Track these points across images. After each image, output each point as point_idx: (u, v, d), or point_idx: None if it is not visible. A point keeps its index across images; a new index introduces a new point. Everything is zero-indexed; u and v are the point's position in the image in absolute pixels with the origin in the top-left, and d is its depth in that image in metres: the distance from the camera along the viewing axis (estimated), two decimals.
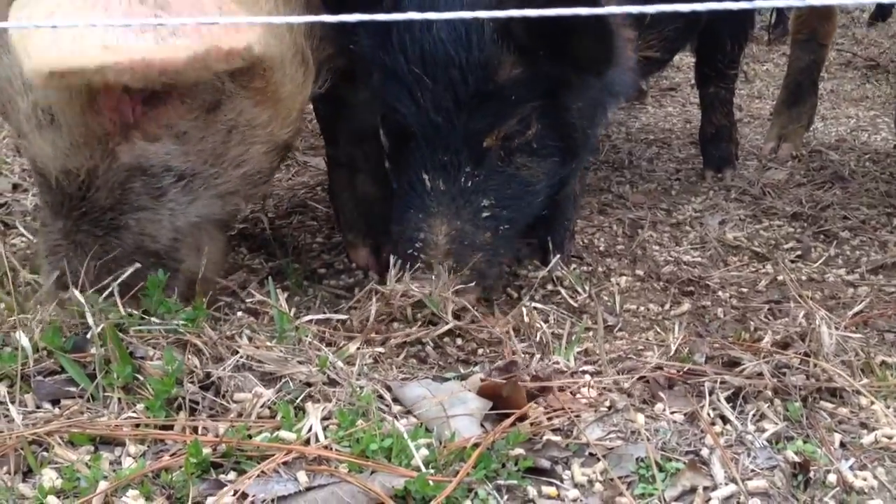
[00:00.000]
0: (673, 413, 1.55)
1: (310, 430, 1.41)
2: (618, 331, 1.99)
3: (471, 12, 1.12)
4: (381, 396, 1.55)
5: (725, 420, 1.54)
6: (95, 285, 1.69)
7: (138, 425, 1.43)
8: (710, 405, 1.56)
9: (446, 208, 1.92)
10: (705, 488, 1.35)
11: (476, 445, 1.37)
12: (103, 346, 1.53)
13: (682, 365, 1.68)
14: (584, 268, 2.35)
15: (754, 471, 1.39)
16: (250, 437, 1.39)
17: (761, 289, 2.24)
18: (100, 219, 1.72)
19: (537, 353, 1.76)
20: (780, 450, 1.45)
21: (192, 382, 1.52)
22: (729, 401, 1.58)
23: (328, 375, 1.58)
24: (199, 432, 1.42)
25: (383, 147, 2.18)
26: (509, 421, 1.47)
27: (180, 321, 1.67)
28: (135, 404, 1.48)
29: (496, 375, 1.58)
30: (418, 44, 1.85)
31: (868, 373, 1.70)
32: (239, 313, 1.90)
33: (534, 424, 1.48)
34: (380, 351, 1.76)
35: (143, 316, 1.68)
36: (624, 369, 1.70)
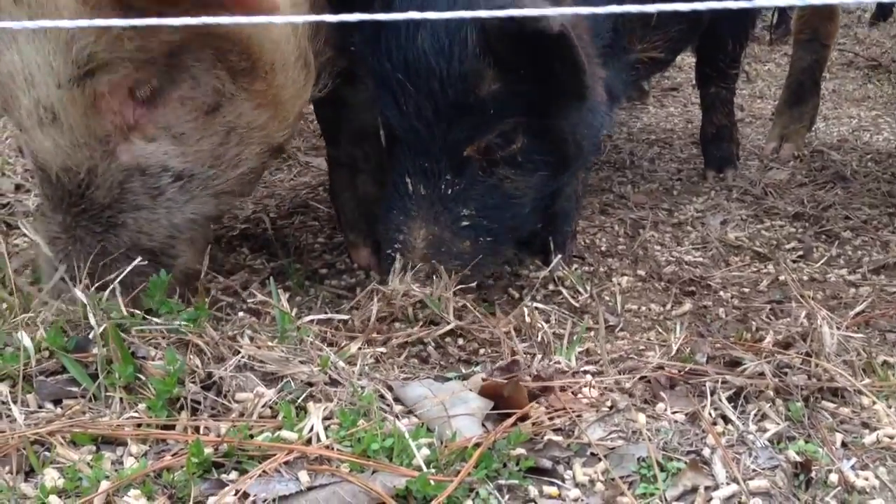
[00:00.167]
0: (674, 413, 1.55)
1: (311, 430, 1.41)
2: (619, 331, 1.99)
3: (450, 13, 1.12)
4: (382, 396, 1.55)
5: (727, 420, 1.54)
6: (92, 280, 1.70)
7: (140, 425, 1.44)
8: (711, 405, 1.56)
9: (425, 213, 1.95)
10: (707, 488, 1.34)
11: (477, 445, 1.37)
12: (105, 346, 1.54)
13: (684, 365, 1.68)
14: (586, 268, 2.35)
15: (756, 471, 1.39)
16: (252, 436, 1.39)
17: (763, 289, 2.24)
18: (98, 216, 1.74)
19: (539, 353, 1.76)
20: (781, 450, 1.45)
21: (194, 382, 1.52)
22: (730, 401, 1.58)
23: (329, 375, 1.58)
24: (201, 432, 1.42)
25: (385, 147, 2.19)
26: (510, 421, 1.47)
27: (182, 321, 1.67)
28: (136, 404, 1.49)
29: (498, 375, 1.58)
30: (403, 52, 1.88)
31: (870, 373, 1.70)
32: (240, 313, 1.91)
33: (535, 424, 1.48)
34: (381, 351, 1.76)
35: (144, 316, 1.68)
36: (625, 369, 1.70)
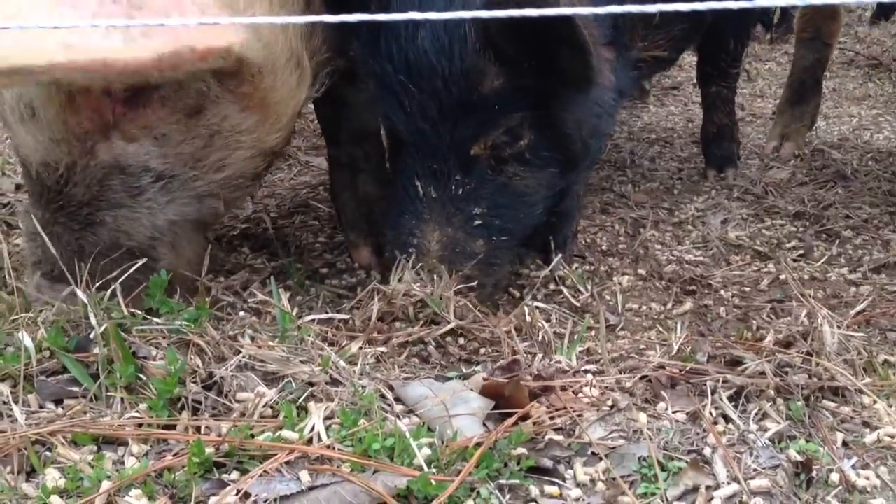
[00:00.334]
0: (675, 412, 1.55)
1: (312, 430, 1.41)
2: (620, 330, 1.99)
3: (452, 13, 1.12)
4: (383, 396, 1.55)
5: (728, 419, 1.54)
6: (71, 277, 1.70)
7: (141, 425, 1.44)
8: (712, 404, 1.57)
9: (438, 215, 1.94)
10: (708, 487, 1.35)
11: (478, 445, 1.37)
12: (106, 345, 1.54)
13: (685, 364, 1.68)
14: (587, 267, 2.35)
15: (757, 470, 1.40)
16: (253, 436, 1.39)
17: (763, 288, 2.24)
18: (76, 213, 1.73)
19: (539, 352, 1.76)
20: (782, 449, 1.45)
21: (195, 382, 1.52)
22: (731, 400, 1.58)
23: (330, 375, 1.59)
24: (202, 432, 1.42)
25: (385, 147, 2.18)
26: (511, 420, 1.47)
27: (183, 321, 1.67)
28: (138, 404, 1.49)
29: (499, 375, 1.58)
30: (404, 53, 1.86)
31: (870, 372, 1.70)
32: (241, 313, 1.91)
33: (536, 424, 1.48)
34: (382, 350, 1.76)
35: (145, 316, 1.68)
36: (626, 368, 1.70)
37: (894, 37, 5.78)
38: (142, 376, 1.52)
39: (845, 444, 1.49)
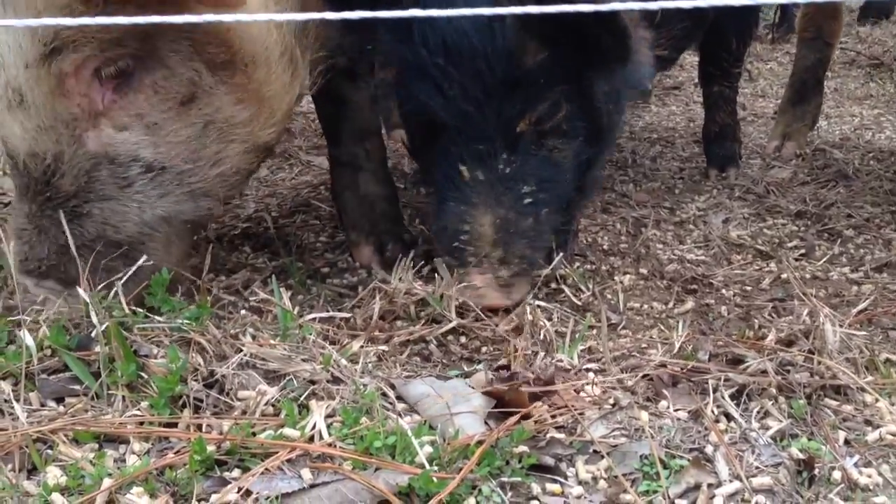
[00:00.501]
0: (677, 410, 1.55)
1: (314, 428, 1.41)
2: (621, 329, 1.99)
3: (490, 9, 1.11)
4: (384, 394, 1.55)
5: (729, 417, 1.54)
6: (58, 273, 1.69)
7: (142, 423, 1.44)
8: (714, 402, 1.56)
9: (488, 197, 1.91)
10: (709, 485, 1.34)
11: (480, 443, 1.37)
12: (107, 344, 1.54)
13: (686, 363, 1.68)
14: (588, 266, 2.35)
15: (759, 468, 1.39)
16: (254, 434, 1.39)
17: (765, 287, 2.24)
18: (63, 205, 1.70)
19: (541, 350, 1.75)
20: (784, 447, 1.45)
21: (196, 380, 1.52)
22: (733, 398, 1.58)
23: (332, 373, 1.58)
24: (204, 430, 1.42)
25: (406, 145, 2.17)
26: (513, 419, 1.46)
27: (184, 319, 1.67)
28: (139, 402, 1.49)
29: (496, 382, 1.57)
30: (440, 36, 1.85)
31: (872, 370, 1.69)
32: (243, 311, 1.91)
33: (537, 422, 1.48)
34: (383, 349, 1.76)
35: (147, 314, 1.68)
36: (628, 367, 1.69)
37: (895, 37, 5.78)
38: (143, 374, 1.52)
39: (847, 442, 1.48)
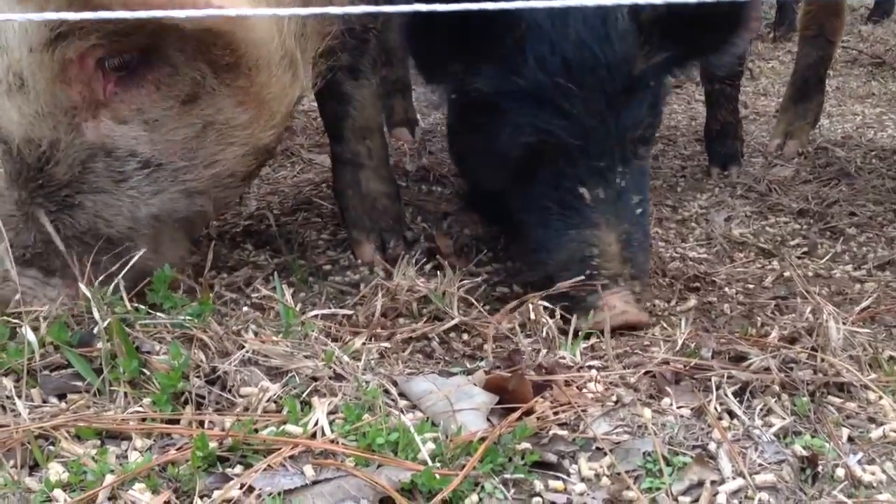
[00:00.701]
0: (680, 408, 1.55)
1: (316, 425, 1.41)
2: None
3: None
4: (387, 391, 1.55)
5: (732, 415, 1.53)
6: (41, 262, 1.67)
7: (144, 419, 1.43)
8: (717, 400, 1.56)
9: (609, 215, 1.87)
10: (713, 482, 1.34)
11: (482, 439, 1.37)
12: (109, 340, 1.53)
13: (689, 360, 1.67)
14: None
15: (762, 465, 1.39)
16: (256, 431, 1.39)
17: (768, 285, 2.23)
18: (55, 194, 1.68)
19: (543, 348, 1.75)
20: (787, 444, 1.45)
21: (199, 377, 1.52)
22: (736, 395, 1.58)
23: (334, 370, 1.58)
24: (206, 426, 1.42)
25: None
26: (516, 415, 1.46)
27: (186, 316, 1.67)
28: (141, 399, 1.49)
29: (501, 367, 1.58)
30: (560, 55, 1.80)
31: (876, 367, 1.69)
32: (245, 308, 1.91)
33: (540, 419, 1.47)
34: (385, 346, 1.76)
35: (149, 311, 1.68)
36: (630, 364, 1.69)
37: None
38: (145, 371, 1.52)
39: (851, 439, 1.48)
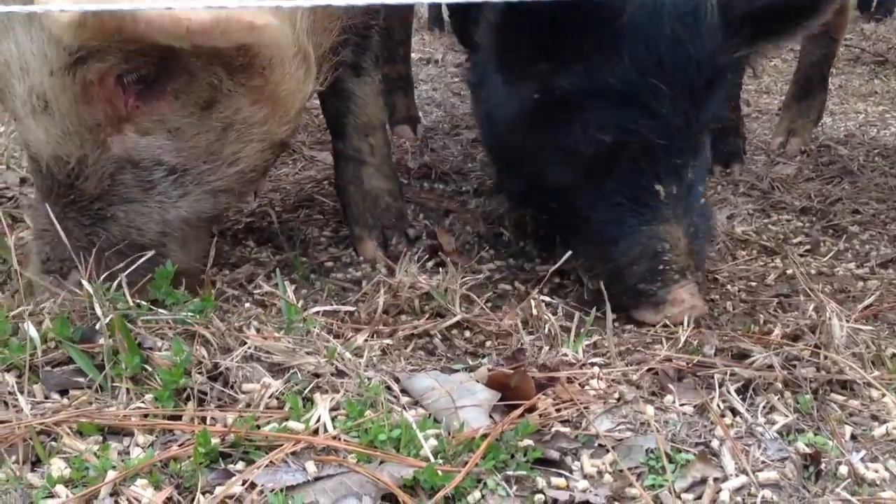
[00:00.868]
0: (682, 405, 1.55)
1: (318, 421, 1.41)
2: (626, 323, 1.98)
3: None
4: (389, 388, 1.55)
5: (735, 412, 1.53)
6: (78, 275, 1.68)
7: (147, 415, 1.43)
8: (719, 397, 1.56)
9: (678, 210, 1.87)
10: (716, 479, 1.34)
11: (485, 436, 1.37)
12: (112, 336, 1.53)
13: (692, 357, 1.67)
14: None
15: (765, 462, 1.39)
16: (259, 427, 1.39)
17: (770, 282, 2.23)
18: (87, 208, 1.71)
19: (546, 345, 1.75)
20: (790, 442, 1.44)
21: (201, 373, 1.51)
22: (739, 393, 1.58)
23: (336, 367, 1.58)
24: (208, 422, 1.42)
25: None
26: (518, 412, 1.46)
27: (188, 312, 1.67)
28: (143, 395, 1.48)
29: (504, 365, 1.58)
30: (655, 52, 1.76)
31: (879, 365, 1.69)
32: (247, 304, 1.90)
33: (542, 416, 1.47)
34: (388, 343, 1.75)
35: (151, 307, 1.68)
36: (633, 361, 1.69)
37: None
38: (147, 367, 1.52)
39: (854, 437, 1.48)
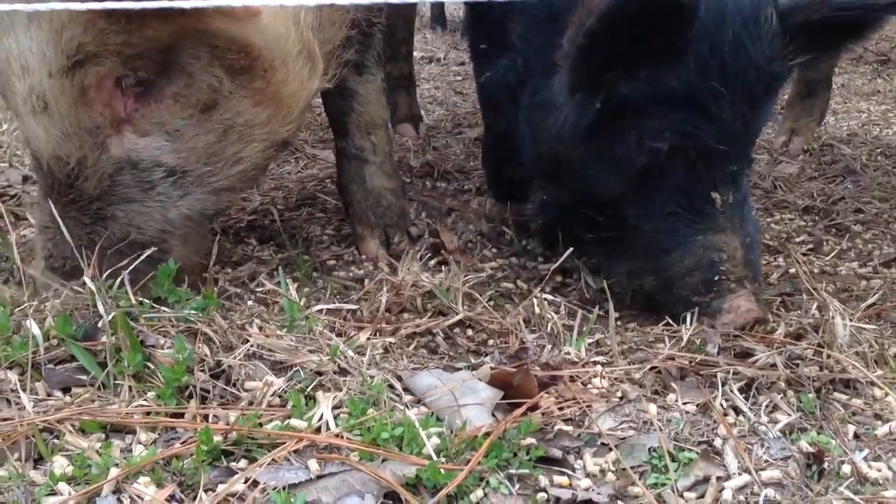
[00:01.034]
0: (685, 404, 1.54)
1: (320, 419, 1.41)
2: (629, 322, 1.98)
3: None
4: (391, 386, 1.55)
5: (738, 411, 1.53)
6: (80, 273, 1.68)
7: (149, 413, 1.43)
8: (722, 396, 1.56)
9: (734, 218, 1.85)
10: (718, 478, 1.34)
11: (487, 434, 1.37)
12: (114, 334, 1.53)
13: (695, 356, 1.67)
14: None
15: (768, 461, 1.39)
16: (261, 425, 1.39)
17: (773, 281, 2.22)
18: (87, 207, 1.72)
19: (548, 343, 1.75)
20: (793, 440, 1.44)
21: (203, 371, 1.51)
22: (742, 392, 1.57)
23: (339, 365, 1.58)
24: (210, 420, 1.42)
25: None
26: (521, 410, 1.46)
27: (191, 310, 1.67)
28: (145, 392, 1.48)
29: (507, 363, 1.58)
30: (719, 56, 1.72)
31: (882, 364, 1.69)
32: (249, 302, 1.90)
33: (545, 414, 1.47)
34: (390, 341, 1.75)
35: (153, 304, 1.68)
36: (636, 360, 1.69)
37: None
38: (150, 365, 1.52)
39: (857, 436, 1.48)
